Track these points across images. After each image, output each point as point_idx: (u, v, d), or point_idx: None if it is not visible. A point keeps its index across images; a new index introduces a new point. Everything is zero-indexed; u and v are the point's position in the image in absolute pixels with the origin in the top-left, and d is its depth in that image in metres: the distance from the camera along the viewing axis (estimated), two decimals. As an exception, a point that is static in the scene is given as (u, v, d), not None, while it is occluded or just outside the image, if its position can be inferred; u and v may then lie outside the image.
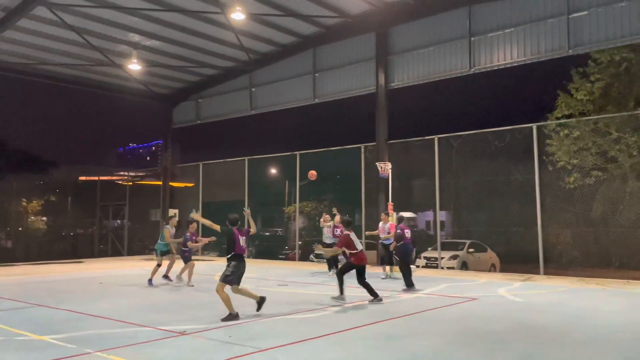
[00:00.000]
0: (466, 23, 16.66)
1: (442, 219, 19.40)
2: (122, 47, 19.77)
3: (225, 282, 8.35)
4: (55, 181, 29.30)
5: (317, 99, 20.52)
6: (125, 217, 26.57)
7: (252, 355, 6.13)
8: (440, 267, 17.27)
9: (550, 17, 15.15)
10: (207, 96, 24.64)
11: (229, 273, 8.38)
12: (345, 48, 19.58)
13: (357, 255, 10.07)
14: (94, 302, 10.12)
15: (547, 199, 15.21)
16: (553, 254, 15.96)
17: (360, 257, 10.09)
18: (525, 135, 15.57)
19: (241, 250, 8.51)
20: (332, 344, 6.75)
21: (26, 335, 7.22)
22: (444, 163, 17.22)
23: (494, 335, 7.16)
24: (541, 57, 15.46)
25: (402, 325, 7.83)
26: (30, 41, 18.69)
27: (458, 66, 16.86)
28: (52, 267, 18.29)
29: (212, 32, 18.99)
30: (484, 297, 10.58)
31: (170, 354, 6.22)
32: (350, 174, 19.97)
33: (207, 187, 24.64)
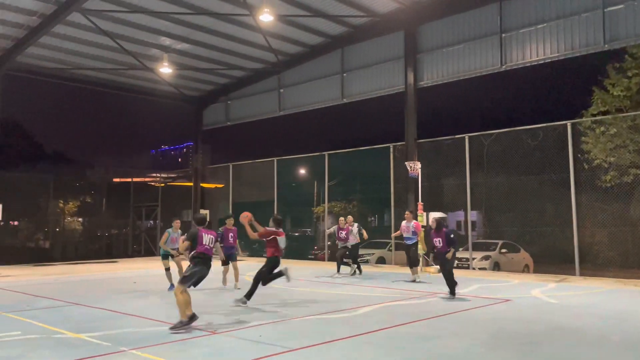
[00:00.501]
0: (497, 19, 16.38)
1: (473, 219, 19.10)
2: (153, 51, 20.16)
3: (181, 283, 7.76)
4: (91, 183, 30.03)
5: (345, 99, 20.50)
6: (157, 218, 27.06)
7: (282, 354, 6.15)
8: (471, 267, 17.01)
9: (584, 11, 14.77)
10: (236, 98, 24.90)
11: (187, 274, 7.82)
12: (373, 47, 19.50)
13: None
14: (128, 301, 10.33)
15: (582, 198, 14.81)
16: (589, 254, 15.52)
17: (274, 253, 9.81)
18: (560, 133, 15.20)
19: (204, 249, 7.89)
20: (362, 344, 6.72)
21: (63, 333, 7.42)
22: (475, 162, 16.96)
23: (527, 337, 7.00)
24: (575, 52, 15.10)
25: (433, 326, 7.74)
26: (66, 46, 19.24)
27: (489, 63, 16.60)
28: (88, 267, 18.77)
29: (241, 34, 19.19)
30: (517, 298, 10.37)
31: (202, 353, 6.30)
32: (379, 174, 19.85)
33: (237, 188, 24.89)
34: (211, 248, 7.98)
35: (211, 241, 7.98)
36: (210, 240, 7.97)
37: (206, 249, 7.92)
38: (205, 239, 7.92)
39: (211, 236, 8.02)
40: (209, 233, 8.05)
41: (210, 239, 7.98)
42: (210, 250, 7.98)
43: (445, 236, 10.30)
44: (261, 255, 23.70)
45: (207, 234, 7.99)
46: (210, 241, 7.96)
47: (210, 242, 7.96)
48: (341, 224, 14.77)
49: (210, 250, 7.98)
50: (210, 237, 7.99)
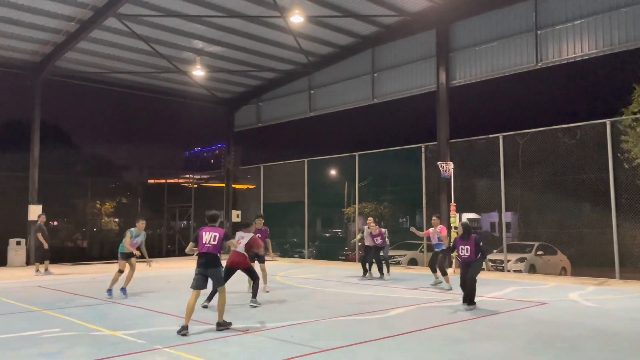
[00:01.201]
0: (532, 16, 16.01)
1: (507, 220, 18.72)
2: (186, 54, 20.50)
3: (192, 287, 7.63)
4: (126, 184, 30.74)
5: (376, 99, 20.40)
6: (191, 218, 27.49)
7: (312, 355, 6.14)
8: (506, 270, 16.67)
9: (624, 6, 14.30)
10: (267, 99, 25.09)
11: (194, 278, 7.67)
12: (404, 46, 19.35)
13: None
14: (163, 300, 10.51)
15: (622, 198, 14.32)
16: (630, 257, 15.00)
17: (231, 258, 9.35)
18: (598, 131, 14.75)
19: (202, 249, 7.58)
20: (394, 346, 6.65)
21: (100, 331, 7.60)
22: (510, 162, 16.61)
23: (564, 341, 6.80)
24: (614, 48, 14.62)
25: (466, 329, 7.60)
26: (102, 51, 19.74)
27: (524, 61, 16.24)
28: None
29: (272, 36, 19.32)
30: (554, 301, 10.10)
31: (234, 352, 6.35)
32: (410, 174, 19.68)
33: (268, 189, 25.06)
34: (214, 246, 7.54)
35: (213, 239, 7.56)
36: (212, 238, 7.56)
37: (206, 248, 7.56)
38: (206, 237, 7.58)
39: (214, 234, 7.59)
40: (213, 231, 7.65)
41: (213, 237, 7.56)
42: (212, 248, 7.54)
43: (474, 244, 9.17)
44: (292, 255, 23.82)
45: (210, 232, 7.62)
46: (211, 239, 7.56)
47: (211, 240, 7.55)
48: (373, 230, 14.19)
49: (212, 248, 7.54)
50: (213, 235, 7.58)
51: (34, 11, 16.46)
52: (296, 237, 25.45)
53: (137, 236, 11.26)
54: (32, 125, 20.56)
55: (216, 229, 7.71)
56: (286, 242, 25.46)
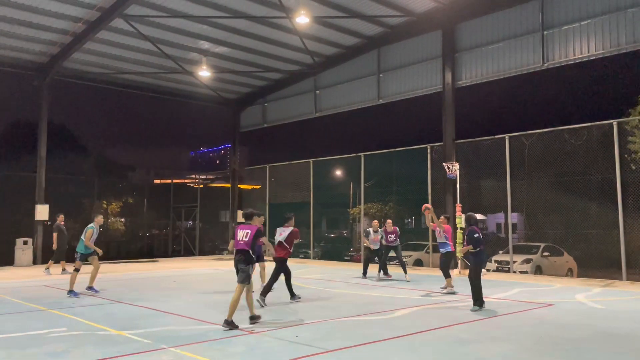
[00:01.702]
0: (538, 16, 15.96)
1: (513, 221, 18.65)
2: (192, 55, 20.56)
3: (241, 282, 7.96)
4: (133, 184, 30.86)
5: (381, 99, 20.38)
6: (196, 219, 27.57)
7: (318, 355, 6.15)
8: (512, 271, 16.62)
9: (631, 6, 14.22)
10: (272, 100, 25.13)
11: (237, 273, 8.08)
12: (410, 47, 19.32)
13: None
14: (169, 300, 10.54)
15: (629, 199, 14.24)
16: (637, 258, 14.90)
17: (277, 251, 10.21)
18: (605, 132, 14.67)
19: (237, 245, 8.05)
20: (399, 347, 6.65)
21: (106, 330, 7.64)
22: (516, 163, 16.55)
23: (571, 343, 6.77)
24: (622, 49, 14.54)
25: (472, 331, 7.58)
26: (109, 52, 19.83)
27: (530, 61, 16.19)
28: (130, 266, 19.27)
29: (278, 36, 19.34)
30: (561, 303, 10.06)
31: (239, 352, 6.36)
32: (416, 175, 19.64)
33: (274, 189, 25.09)
34: (246, 242, 7.92)
35: (245, 235, 7.95)
36: (245, 235, 7.96)
37: (239, 245, 7.98)
38: (240, 234, 8.01)
39: (247, 231, 7.98)
40: (246, 228, 8.04)
41: (245, 234, 7.96)
42: (244, 244, 7.92)
43: (467, 234, 9.47)
44: (298, 256, 23.82)
45: (243, 230, 8.03)
46: (244, 236, 7.96)
47: (244, 237, 7.95)
48: (389, 227, 14.12)
49: (244, 244, 7.92)
50: (246, 232, 7.98)
51: (40, 12, 16.55)
52: (301, 238, 25.42)
53: (96, 232, 11.26)
54: (39, 126, 20.69)
55: (249, 227, 8.10)
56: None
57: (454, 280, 12.22)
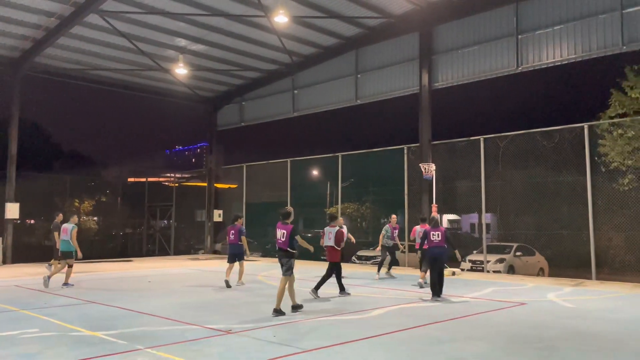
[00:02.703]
0: (513, 21, 16.26)
1: (487, 221, 18.95)
2: (169, 52, 20.33)
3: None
4: (106, 182, 30.34)
5: (359, 100, 20.49)
6: (172, 218, 27.26)
7: (296, 355, 6.16)
8: (486, 270, 16.89)
9: (602, 12, 14.61)
10: (250, 99, 25.02)
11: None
12: (387, 48, 19.47)
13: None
14: (144, 300, 10.42)
15: (599, 201, 14.62)
16: (606, 258, 15.32)
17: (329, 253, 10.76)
18: (576, 135, 15.03)
19: (277, 242, 9.05)
20: (376, 346, 6.71)
21: (80, 331, 7.51)
22: (490, 164, 16.83)
23: (543, 342, 6.93)
24: (593, 54, 14.93)
25: (447, 330, 7.69)
26: (83, 47, 19.47)
27: (505, 65, 16.49)
28: (103, 266, 18.95)
29: (256, 35, 19.27)
30: (533, 302, 10.28)
31: (217, 352, 6.33)
32: (392, 175, 19.81)
33: (251, 189, 24.98)
34: (284, 242, 8.90)
35: (283, 235, 8.92)
36: (282, 235, 8.94)
37: (279, 243, 9.03)
38: (278, 234, 9.04)
39: (283, 231, 8.94)
40: (283, 228, 8.98)
41: (282, 234, 8.94)
42: (283, 243, 8.92)
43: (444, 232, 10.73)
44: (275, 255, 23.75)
45: (280, 230, 9.02)
46: (282, 235, 8.94)
47: (282, 236, 8.94)
48: (393, 223, 14.59)
49: (283, 243, 8.92)
50: (283, 232, 8.95)
51: (12, 5, 16.16)
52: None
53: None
54: (10, 122, 20.19)
55: (286, 226, 9.02)
56: (268, 241, 25.42)
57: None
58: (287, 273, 8.90)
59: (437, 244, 10.54)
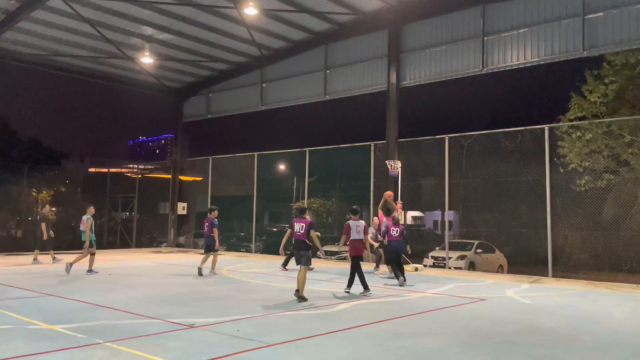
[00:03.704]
0: (480, 22, 16.56)
1: (450, 218, 19.33)
2: (134, 40, 19.87)
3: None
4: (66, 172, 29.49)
5: (328, 95, 20.52)
6: (134, 210, 26.73)
7: (259, 350, 6.15)
8: (447, 267, 17.23)
9: (565, 17, 15.03)
10: (217, 91, 24.72)
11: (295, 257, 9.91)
12: (357, 45, 19.55)
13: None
14: (104, 293, 10.20)
15: (557, 201, 15.10)
16: (562, 256, 15.86)
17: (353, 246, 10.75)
18: (537, 136, 15.46)
19: (295, 235, 9.69)
20: (339, 340, 6.76)
21: (37, 324, 7.30)
22: (454, 163, 17.15)
23: (501, 336, 7.13)
24: (555, 58, 15.35)
25: (409, 324, 7.82)
26: (45, 32, 18.84)
27: (470, 65, 16.78)
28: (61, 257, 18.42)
29: (225, 26, 19.03)
30: (492, 298, 10.55)
31: (178, 346, 6.25)
32: (359, 171, 19.94)
33: (216, 182, 24.73)
34: (302, 234, 9.56)
35: (302, 228, 9.59)
36: (301, 228, 9.60)
37: (297, 235, 9.66)
38: (296, 227, 9.66)
39: (302, 224, 9.63)
40: (301, 222, 9.68)
41: (301, 227, 9.61)
42: (301, 235, 9.58)
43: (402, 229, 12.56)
44: (239, 249, 23.62)
45: (299, 223, 9.69)
46: (300, 229, 9.60)
47: (300, 229, 9.59)
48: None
49: (301, 235, 9.58)
50: (301, 225, 9.62)
51: (-31, -14, 15.50)
52: (243, 231, 25.26)
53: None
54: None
55: (303, 220, 9.73)
56: (233, 235, 25.24)
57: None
58: (307, 263, 9.59)
59: (396, 238, 12.41)
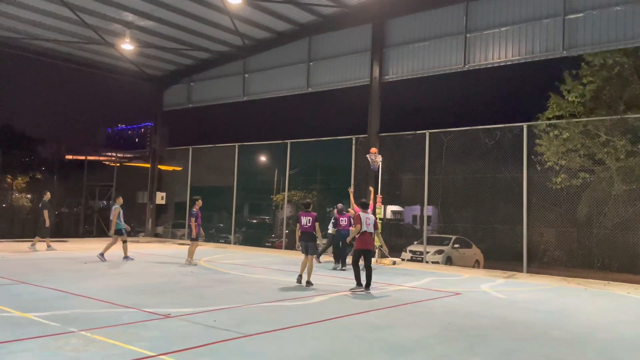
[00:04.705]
0: (462, 19, 16.67)
1: (428, 213, 19.51)
2: (115, 26, 19.52)
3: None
4: (42, 158, 28.92)
5: (310, 88, 20.46)
6: (111, 198, 26.36)
7: (236, 340, 6.15)
8: (425, 261, 17.41)
9: (546, 17, 15.21)
10: (199, 80, 24.47)
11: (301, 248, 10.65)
12: (341, 38, 19.51)
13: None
14: (79, 282, 10.07)
15: (533, 198, 15.36)
16: (536, 252, 16.14)
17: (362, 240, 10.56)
18: (516, 134, 15.67)
19: (302, 228, 10.48)
20: (316, 331, 6.80)
21: (9, 312, 7.18)
22: (434, 158, 17.29)
23: (475, 330, 7.25)
24: (535, 57, 15.54)
25: (386, 317, 7.90)
26: (22, 15, 18.39)
27: (452, 62, 16.89)
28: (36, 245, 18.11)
29: (208, 15, 18.81)
30: (467, 292, 10.70)
31: (154, 336, 6.21)
32: (340, 165, 19.97)
33: (196, 172, 24.53)
34: (309, 227, 10.36)
35: (308, 222, 10.39)
36: (308, 221, 10.40)
37: (304, 228, 10.46)
38: (303, 220, 10.46)
39: (309, 218, 10.42)
40: (307, 215, 10.45)
41: (308, 220, 10.40)
42: (308, 228, 10.38)
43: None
44: (218, 240, 23.50)
45: (305, 217, 10.45)
46: (307, 222, 10.40)
47: (307, 222, 10.40)
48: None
49: (308, 228, 10.38)
50: (308, 219, 10.41)
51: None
52: (222, 222, 25.14)
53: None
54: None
55: (309, 214, 10.51)
56: (212, 226, 25.09)
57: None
58: (314, 252, 10.43)
59: (344, 227, 13.38)
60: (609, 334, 7.35)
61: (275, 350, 5.83)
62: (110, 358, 5.27)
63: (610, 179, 16.98)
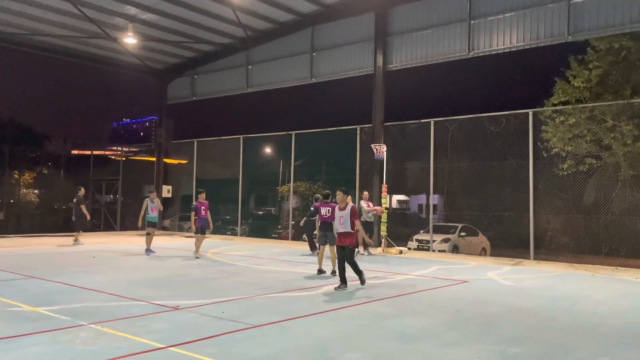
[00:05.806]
0: (466, 6, 16.52)
1: (434, 202, 19.48)
2: (117, 20, 19.50)
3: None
4: (48, 154, 29.06)
5: (314, 78, 20.41)
6: (118, 193, 26.50)
7: (244, 331, 6.19)
8: (431, 249, 17.42)
9: (551, 2, 15.06)
10: (202, 72, 24.44)
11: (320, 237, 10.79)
12: (343, 28, 19.41)
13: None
14: (88, 276, 10.15)
15: (540, 185, 15.28)
16: (543, 239, 16.10)
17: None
18: (521, 121, 15.57)
19: (322, 218, 10.54)
20: (323, 321, 6.83)
21: (19, 307, 7.26)
22: (439, 147, 17.23)
23: (482, 317, 7.26)
24: (540, 42, 15.41)
25: (393, 306, 7.92)
26: (25, 11, 18.39)
27: (457, 49, 16.78)
28: (44, 240, 18.30)
29: (210, 7, 18.75)
30: (474, 280, 10.71)
31: (163, 328, 6.27)
32: (345, 155, 19.95)
33: (201, 165, 24.58)
34: (329, 217, 10.24)
35: (328, 212, 10.32)
36: (327, 212, 10.35)
37: (323, 218, 10.49)
38: (323, 211, 10.49)
39: (328, 208, 10.35)
40: (327, 206, 10.41)
41: (328, 210, 10.35)
42: (328, 218, 10.29)
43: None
44: (225, 232, 23.59)
45: (325, 207, 10.46)
46: (327, 212, 10.36)
47: (327, 213, 10.36)
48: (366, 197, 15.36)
49: (328, 218, 10.29)
50: (328, 209, 10.34)
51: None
52: (229, 214, 25.22)
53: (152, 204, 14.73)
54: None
55: (329, 205, 10.44)
56: (219, 219, 25.19)
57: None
58: (333, 243, 10.22)
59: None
60: (617, 320, 7.34)
61: (283, 340, 5.87)
62: (120, 351, 5.32)
63: (617, 165, 16.86)
